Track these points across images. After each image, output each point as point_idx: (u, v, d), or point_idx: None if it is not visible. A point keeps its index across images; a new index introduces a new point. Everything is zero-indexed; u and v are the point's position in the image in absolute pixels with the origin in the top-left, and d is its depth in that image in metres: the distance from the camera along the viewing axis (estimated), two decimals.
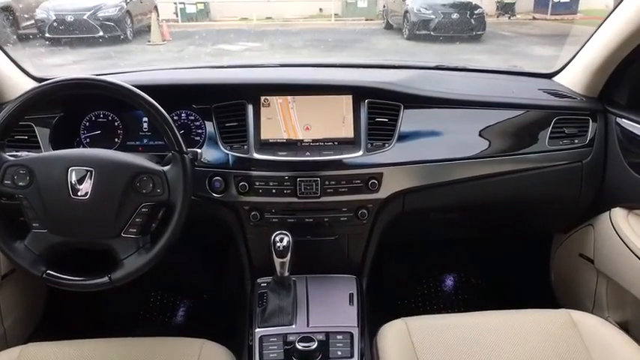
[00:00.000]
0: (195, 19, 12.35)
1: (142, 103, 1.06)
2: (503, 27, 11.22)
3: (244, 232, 1.36)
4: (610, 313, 1.46)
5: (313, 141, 1.32)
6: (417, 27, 9.50)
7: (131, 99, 1.06)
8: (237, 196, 1.29)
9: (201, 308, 1.96)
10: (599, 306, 1.49)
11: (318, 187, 1.27)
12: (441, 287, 2.01)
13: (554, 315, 1.21)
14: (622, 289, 1.35)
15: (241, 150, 1.29)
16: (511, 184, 1.40)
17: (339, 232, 1.36)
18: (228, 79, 1.42)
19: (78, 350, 1.13)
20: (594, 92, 1.47)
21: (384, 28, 11.29)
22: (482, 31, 9.62)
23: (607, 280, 1.44)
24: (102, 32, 8.37)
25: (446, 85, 1.46)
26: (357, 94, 1.33)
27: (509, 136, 1.40)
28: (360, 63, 1.76)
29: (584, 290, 1.55)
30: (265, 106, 1.33)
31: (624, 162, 1.36)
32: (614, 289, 1.43)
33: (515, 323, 1.19)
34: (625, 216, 1.36)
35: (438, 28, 9.37)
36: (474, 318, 1.22)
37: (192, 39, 10.01)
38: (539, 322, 1.19)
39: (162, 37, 9.09)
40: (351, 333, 1.19)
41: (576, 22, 11.29)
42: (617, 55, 1.36)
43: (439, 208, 1.48)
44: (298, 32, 11.07)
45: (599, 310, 1.49)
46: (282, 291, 1.25)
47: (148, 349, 1.13)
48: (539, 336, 1.15)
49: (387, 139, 1.32)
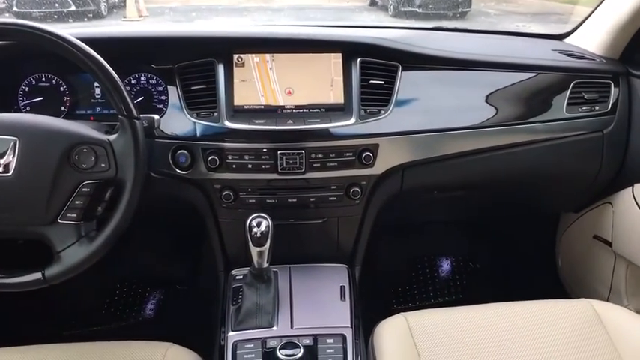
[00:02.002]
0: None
1: (77, 54, 0.85)
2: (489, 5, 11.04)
3: (216, 216, 1.17)
4: (629, 300, 1.32)
5: (296, 107, 1.13)
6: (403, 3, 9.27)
7: (59, 47, 0.86)
8: (206, 172, 1.09)
9: (173, 301, 1.77)
10: (617, 293, 1.35)
11: (302, 162, 1.08)
12: (438, 273, 1.85)
13: (573, 305, 1.06)
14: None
15: (210, 118, 1.09)
16: (522, 157, 1.24)
17: (327, 214, 1.18)
18: (193, 32, 1.21)
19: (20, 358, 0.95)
20: (615, 53, 1.32)
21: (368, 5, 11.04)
22: (467, 9, 9.41)
23: (626, 263, 1.30)
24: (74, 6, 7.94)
25: (449, 46, 1.27)
26: (347, 52, 1.14)
27: (521, 102, 1.23)
28: (351, 25, 1.56)
29: (599, 276, 1.41)
30: (239, 66, 1.12)
31: None
32: (634, 274, 1.29)
33: (529, 316, 1.04)
34: None
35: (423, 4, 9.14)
36: (482, 311, 1.06)
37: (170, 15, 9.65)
38: (556, 314, 1.04)
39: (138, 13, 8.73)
40: (344, 335, 1.01)
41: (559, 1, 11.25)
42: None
43: (443, 186, 1.31)
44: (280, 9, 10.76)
45: (616, 297, 1.35)
46: (260, 285, 1.06)
47: (103, 355, 0.97)
48: (558, 330, 1.00)
49: (382, 105, 1.13)
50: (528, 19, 9.39)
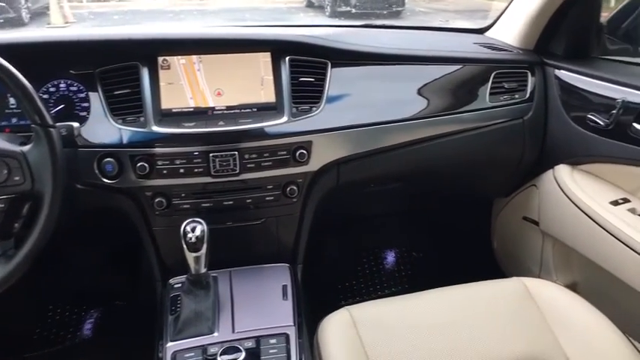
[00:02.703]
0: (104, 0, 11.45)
1: None
2: (420, 3, 11.40)
3: (149, 224, 1.13)
4: (557, 275, 1.40)
5: (227, 108, 1.11)
6: (338, 4, 9.39)
7: None
8: (136, 180, 1.05)
9: (113, 318, 1.69)
10: (546, 269, 1.42)
11: (236, 163, 1.07)
12: (383, 265, 1.88)
13: (506, 284, 1.11)
14: (569, 249, 1.29)
15: (137, 123, 1.05)
16: (452, 146, 1.29)
17: (265, 214, 1.17)
18: (115, 34, 1.16)
19: None
20: (530, 44, 1.40)
21: (305, 6, 11.08)
22: (401, 7, 9.69)
23: (553, 241, 1.38)
24: None
25: (377, 42, 1.30)
26: (276, 51, 1.14)
27: (447, 93, 1.28)
28: (280, 24, 1.55)
29: (530, 255, 1.48)
30: (165, 69, 1.09)
31: (566, 116, 1.29)
32: (560, 250, 1.37)
33: (467, 298, 1.08)
34: (569, 172, 1.28)
35: (358, 4, 9.31)
36: (422, 298, 1.09)
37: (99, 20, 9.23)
38: (491, 294, 1.09)
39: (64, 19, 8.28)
40: (287, 334, 1.00)
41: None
42: (550, 4, 1.29)
43: (378, 178, 1.33)
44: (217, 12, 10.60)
45: (546, 273, 1.43)
46: (199, 292, 1.02)
47: None
48: (494, 309, 1.05)
49: (314, 102, 1.14)
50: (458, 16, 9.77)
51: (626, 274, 1.08)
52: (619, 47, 1.31)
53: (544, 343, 0.97)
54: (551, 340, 0.97)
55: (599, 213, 1.14)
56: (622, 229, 1.08)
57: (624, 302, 1.12)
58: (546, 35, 1.36)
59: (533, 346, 0.96)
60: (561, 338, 0.97)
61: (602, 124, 1.17)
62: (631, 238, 1.06)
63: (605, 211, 1.14)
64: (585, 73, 1.24)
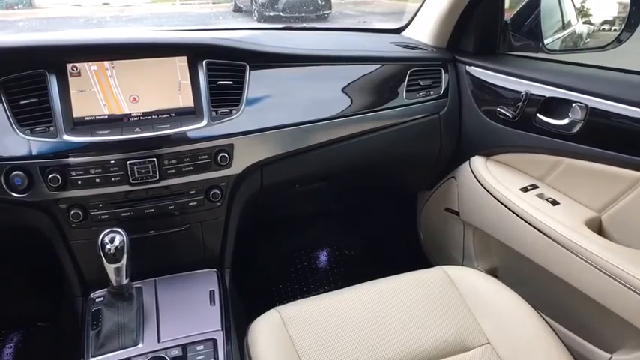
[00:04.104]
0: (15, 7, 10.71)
1: None
2: (348, 6, 11.60)
3: (65, 238, 1.08)
4: (479, 262, 1.47)
5: (144, 114, 1.08)
6: (266, 8, 9.35)
7: None
8: (48, 193, 1.00)
9: (36, 341, 1.59)
10: (469, 257, 1.49)
11: (155, 169, 1.04)
12: (316, 265, 1.90)
13: (429, 273, 1.16)
14: (487, 236, 1.36)
15: (47, 133, 1.00)
16: (374, 143, 1.32)
17: (189, 220, 1.15)
18: (18, 41, 1.09)
19: None
20: (442, 43, 1.46)
21: (232, 11, 10.95)
22: (329, 11, 9.79)
23: (473, 230, 1.44)
24: None
25: (295, 43, 1.31)
26: (192, 55, 1.12)
27: (367, 92, 1.31)
28: (198, 28, 1.53)
29: (453, 244, 1.55)
30: (75, 76, 1.05)
31: (478, 109, 1.36)
32: (480, 238, 1.44)
33: (392, 289, 1.11)
34: (483, 163, 1.36)
35: (286, 8, 9.31)
36: (350, 293, 1.11)
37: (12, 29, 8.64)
38: (415, 283, 1.13)
39: None
40: (214, 339, 0.99)
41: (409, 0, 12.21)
42: (458, 4, 1.36)
43: (303, 178, 1.35)
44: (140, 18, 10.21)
45: (468, 261, 1.50)
46: (121, 303, 0.99)
47: None
48: (418, 297, 1.09)
49: (233, 105, 1.13)
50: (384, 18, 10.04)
51: (537, 256, 1.16)
52: (522, 44, 1.40)
53: (466, 326, 1.01)
54: (473, 323, 1.02)
55: (511, 200, 1.22)
56: (531, 214, 1.15)
57: (537, 282, 1.19)
58: (457, 33, 1.43)
59: (456, 331, 1.00)
60: (481, 320, 1.02)
61: (510, 116, 1.24)
62: (539, 221, 1.13)
63: (516, 198, 1.21)
64: (493, 68, 1.31)
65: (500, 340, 0.99)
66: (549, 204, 1.17)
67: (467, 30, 1.41)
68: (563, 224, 1.08)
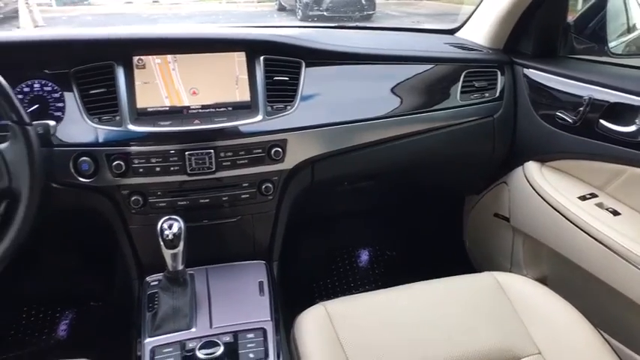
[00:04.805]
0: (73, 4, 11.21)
1: None
2: (392, 7, 11.55)
3: (125, 223, 1.12)
4: (528, 270, 1.43)
5: (202, 107, 1.11)
6: (310, 7, 9.41)
7: None
8: (112, 179, 1.05)
9: (89, 319, 1.66)
10: (517, 264, 1.46)
11: (212, 161, 1.07)
12: (356, 263, 1.90)
13: (478, 278, 1.14)
14: (538, 244, 1.33)
15: (113, 122, 1.05)
16: (424, 144, 1.31)
17: (241, 212, 1.17)
18: (89, 34, 1.15)
19: None
20: (499, 44, 1.43)
21: (277, 9, 11.08)
22: (372, 11, 9.78)
23: (523, 237, 1.41)
24: None
25: (350, 42, 1.32)
26: (250, 51, 1.14)
27: (419, 92, 1.30)
28: (254, 25, 1.56)
29: (501, 250, 1.52)
30: (140, 68, 1.09)
31: (534, 114, 1.33)
32: (530, 245, 1.41)
33: (439, 293, 1.10)
34: (538, 169, 1.32)
35: (330, 8, 9.36)
36: (396, 293, 1.11)
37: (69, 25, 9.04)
38: (463, 288, 1.12)
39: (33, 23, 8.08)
40: (264, 329, 1.00)
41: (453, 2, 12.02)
42: (518, 5, 1.33)
43: (352, 176, 1.35)
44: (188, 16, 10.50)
45: (517, 268, 1.46)
46: (176, 288, 1.02)
47: None
48: (466, 302, 1.07)
49: (288, 101, 1.15)
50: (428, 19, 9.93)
51: (594, 267, 1.12)
52: (586, 46, 1.36)
53: (515, 334, 0.99)
54: (522, 331, 1.00)
55: (568, 208, 1.18)
56: (590, 223, 1.12)
57: (591, 294, 1.16)
58: (515, 35, 1.40)
59: (505, 338, 0.98)
60: (532, 330, 1.00)
61: (570, 121, 1.21)
62: (599, 231, 1.09)
63: (574, 206, 1.17)
64: (553, 71, 1.27)
65: (551, 350, 0.96)
66: (610, 214, 1.13)
67: (526, 32, 1.38)
68: (624, 235, 1.04)
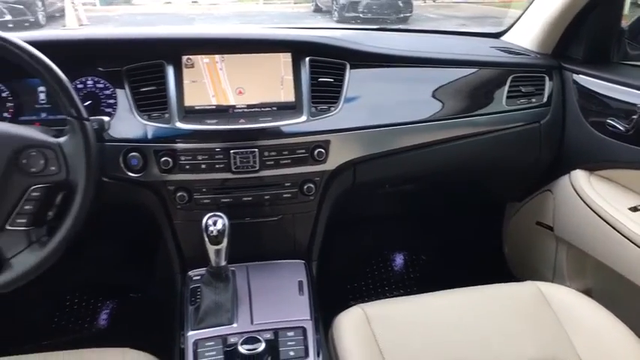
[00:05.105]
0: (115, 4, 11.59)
1: (23, 56, 0.82)
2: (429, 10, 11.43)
3: (170, 218, 1.15)
4: (571, 281, 1.39)
5: (248, 106, 1.13)
6: (346, 9, 9.41)
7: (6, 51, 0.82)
8: (159, 174, 1.07)
9: (128, 310, 1.72)
10: (560, 274, 1.42)
11: (256, 160, 1.08)
12: (391, 267, 1.88)
13: (520, 287, 1.12)
14: (583, 255, 1.29)
15: (162, 119, 1.08)
16: (467, 149, 1.29)
17: (282, 211, 1.18)
18: (141, 34, 1.18)
19: None
20: (548, 49, 1.40)
21: (313, 11, 11.14)
22: (409, 13, 9.70)
23: (567, 247, 1.38)
24: (9, 16, 7.52)
25: (393, 45, 1.31)
26: (296, 52, 1.15)
27: (463, 96, 1.29)
28: (299, 26, 1.57)
29: (543, 260, 1.49)
30: (188, 67, 1.11)
31: (584, 120, 1.29)
32: (574, 255, 1.37)
33: (480, 300, 1.09)
34: (587, 178, 1.29)
35: (366, 10, 9.33)
36: (436, 299, 1.10)
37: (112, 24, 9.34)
38: (505, 297, 1.10)
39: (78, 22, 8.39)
40: (304, 328, 1.01)
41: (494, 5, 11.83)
42: (570, 9, 1.30)
43: (393, 179, 1.35)
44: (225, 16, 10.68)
45: (559, 279, 1.43)
46: (218, 284, 1.04)
47: None
48: (507, 311, 1.05)
49: (332, 102, 1.15)
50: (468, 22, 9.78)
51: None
52: None
53: (558, 346, 0.97)
54: (566, 343, 0.97)
55: (618, 219, 1.14)
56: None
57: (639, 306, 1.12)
58: (565, 40, 1.36)
59: (547, 349, 0.96)
60: (576, 342, 0.97)
61: (622, 130, 1.17)
62: None
63: (624, 217, 1.14)
64: (605, 77, 1.24)
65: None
66: None
67: (577, 36, 1.34)
68: None
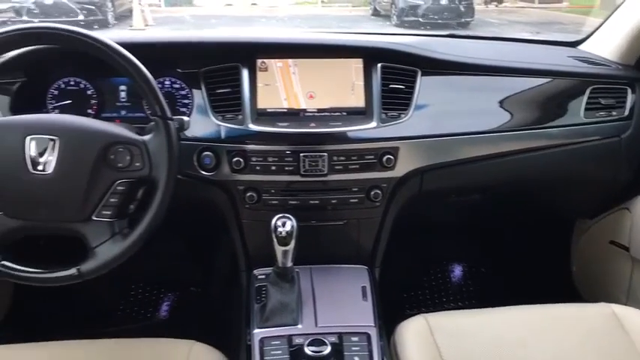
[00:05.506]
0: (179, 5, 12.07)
1: (116, 58, 0.87)
2: (492, 15, 11.15)
3: (238, 216, 1.18)
4: None
5: (318, 110, 1.15)
6: (405, 13, 9.32)
7: (100, 52, 0.87)
8: (230, 174, 1.11)
9: (187, 303, 1.78)
10: (635, 298, 1.35)
11: (324, 164, 1.10)
12: (450, 277, 1.85)
13: (592, 309, 1.07)
14: None
15: (235, 121, 1.11)
16: (539, 161, 1.25)
17: (348, 216, 1.19)
18: (219, 37, 1.23)
19: (49, 354, 0.97)
20: (631, 60, 1.33)
21: (371, 14, 11.12)
22: (470, 18, 9.49)
23: None
24: (82, 16, 7.99)
25: (464, 52, 1.29)
26: (368, 58, 1.16)
27: (537, 107, 1.25)
28: (369, 32, 1.58)
29: (616, 281, 1.41)
30: (262, 71, 1.15)
31: None
32: None
33: (549, 319, 1.05)
34: None
35: (426, 14, 9.20)
36: (502, 314, 1.07)
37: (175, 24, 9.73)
38: (575, 317, 1.05)
39: (144, 22, 8.80)
40: (368, 334, 1.01)
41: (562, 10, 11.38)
42: None
43: (461, 189, 1.32)
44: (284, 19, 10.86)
45: (634, 302, 1.35)
46: (284, 284, 1.06)
47: (128, 351, 0.98)
48: (577, 332, 1.01)
49: (402, 109, 1.15)
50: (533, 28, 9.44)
51: None
52: None
53: None
54: None
55: None
56: None
57: None
58: None
59: None
60: None
61: None
62: None
63: None
64: None
65: None
66: None
67: None
68: None
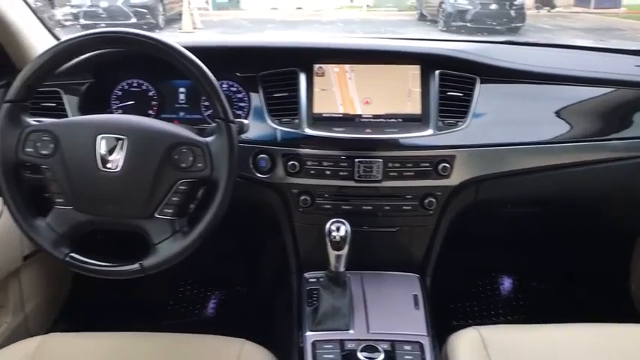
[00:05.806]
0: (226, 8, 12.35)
1: (183, 62, 0.90)
2: (543, 20, 10.83)
3: (291, 219, 1.20)
4: None
5: (374, 116, 1.15)
6: (453, 18, 9.18)
7: (169, 55, 0.91)
8: (285, 177, 1.13)
9: (234, 302, 1.81)
10: None
11: (379, 170, 1.10)
12: (499, 290, 1.80)
13: None
14: None
15: (291, 125, 1.13)
16: (601, 175, 1.21)
17: (400, 222, 1.18)
18: (277, 42, 1.25)
19: (106, 344, 1.01)
20: None
21: (417, 19, 11.02)
22: (521, 24, 9.24)
23: None
24: (134, 19, 8.31)
25: (524, 59, 1.26)
26: (426, 65, 1.16)
27: (599, 118, 1.21)
28: (425, 37, 1.56)
29: None
30: (319, 76, 1.16)
31: None
32: None
33: (609, 338, 1.01)
34: None
35: (475, 19, 9.03)
36: (558, 331, 1.03)
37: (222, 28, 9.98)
38: (635, 338, 1.00)
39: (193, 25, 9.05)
40: (421, 343, 1.00)
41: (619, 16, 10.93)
42: None
43: (516, 201, 1.29)
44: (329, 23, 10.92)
45: None
46: (336, 289, 1.06)
47: (181, 346, 1.01)
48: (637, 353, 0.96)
49: (460, 117, 1.14)
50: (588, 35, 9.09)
51: None
52: None
53: None
54: None
55: None
56: None
57: None
58: None
59: None
60: None
61: None
62: None
63: None
64: None
65: None
66: None
67: None
68: None
